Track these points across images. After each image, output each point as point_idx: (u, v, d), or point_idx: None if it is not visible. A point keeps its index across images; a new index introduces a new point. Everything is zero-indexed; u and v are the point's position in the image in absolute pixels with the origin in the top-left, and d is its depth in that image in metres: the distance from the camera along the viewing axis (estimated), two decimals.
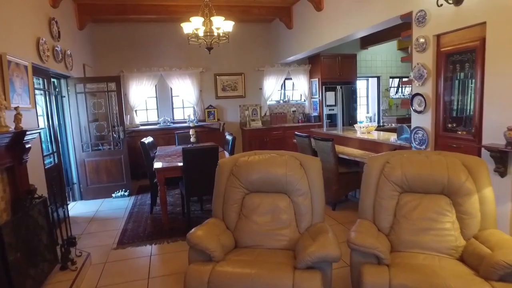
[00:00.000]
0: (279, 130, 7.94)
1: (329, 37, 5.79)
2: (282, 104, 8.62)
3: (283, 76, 8.32)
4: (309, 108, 8.61)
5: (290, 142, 7.99)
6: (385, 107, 9.56)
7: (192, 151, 3.96)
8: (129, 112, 7.23)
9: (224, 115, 8.11)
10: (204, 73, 7.79)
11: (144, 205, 5.20)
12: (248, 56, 8.12)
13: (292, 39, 7.23)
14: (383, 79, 9.55)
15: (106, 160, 5.55)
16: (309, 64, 8.49)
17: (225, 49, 7.87)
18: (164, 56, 7.48)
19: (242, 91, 8.17)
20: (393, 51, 9.62)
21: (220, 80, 7.98)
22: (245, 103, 8.24)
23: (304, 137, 5.12)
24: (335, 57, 8.18)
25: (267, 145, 7.86)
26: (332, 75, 8.17)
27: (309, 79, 8.55)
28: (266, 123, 8.33)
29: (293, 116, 8.62)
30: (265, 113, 8.31)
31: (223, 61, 7.94)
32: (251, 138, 7.72)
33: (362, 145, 4.88)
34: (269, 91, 8.26)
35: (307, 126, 8.10)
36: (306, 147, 5.15)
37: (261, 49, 8.22)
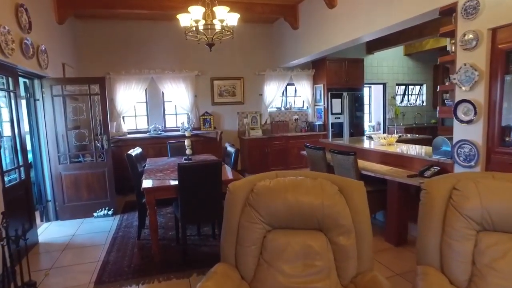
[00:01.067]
0: (281, 140, 7.27)
1: (343, 37, 5.17)
2: (284, 111, 7.96)
3: (285, 81, 7.68)
4: (312, 116, 7.98)
5: (294, 153, 7.33)
6: (391, 115, 8.99)
7: (190, 167, 3.24)
8: (116, 118, 6.48)
9: (221, 123, 7.41)
10: (199, 76, 7.10)
11: (131, 227, 4.44)
12: (248, 59, 7.47)
13: (297, 40, 6.61)
14: (389, 86, 8.99)
15: (87, 173, 4.78)
16: (313, 68, 7.88)
17: (223, 51, 7.23)
18: (156, 58, 6.78)
19: (240, 97, 7.50)
20: (399, 57, 9.10)
21: (217, 84, 7.30)
22: (244, 110, 7.56)
23: (317, 150, 4.45)
24: (342, 62, 7.59)
25: (268, 156, 7.18)
26: (338, 81, 7.57)
27: (313, 85, 7.93)
28: (267, 132, 7.66)
29: (296, 125, 7.97)
30: (265, 121, 7.65)
31: (221, 64, 7.27)
32: (250, 149, 7.03)
33: (385, 159, 4.23)
34: (270, 97, 7.60)
35: (311, 135, 7.46)
36: (319, 161, 4.48)
37: (262, 52, 7.58)
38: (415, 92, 9.68)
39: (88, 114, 4.73)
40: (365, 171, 3.87)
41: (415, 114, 9.37)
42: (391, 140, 4.68)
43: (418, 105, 9.57)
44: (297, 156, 7.39)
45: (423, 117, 9.44)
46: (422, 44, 8.56)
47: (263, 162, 7.14)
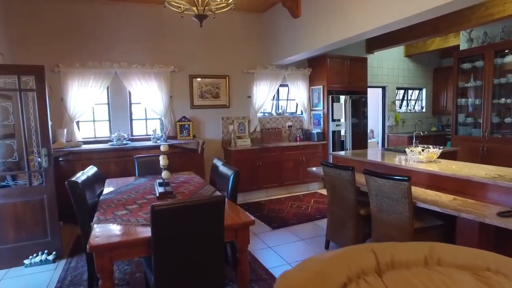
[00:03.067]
0: (275, 151, 6.08)
1: (363, 24, 4.07)
2: (276, 117, 6.78)
3: (278, 81, 6.51)
4: (308, 123, 6.85)
5: (289, 167, 6.16)
6: (391, 122, 8.05)
7: (172, 211, 1.95)
8: (67, 124, 5.04)
9: (202, 131, 6.11)
10: (176, 73, 5.79)
11: (81, 281, 3.07)
12: (235, 54, 6.25)
13: (296, 32, 5.46)
14: (390, 90, 8.06)
15: (15, 204, 3.35)
16: (309, 67, 6.77)
17: (205, 43, 5.97)
18: (121, 48, 5.40)
19: (225, 99, 6.24)
20: (400, 58, 8.22)
21: (198, 83, 6.02)
22: (230, 114, 6.31)
23: (342, 170, 3.29)
24: (343, 60, 6.54)
25: (259, 171, 5.95)
26: (339, 82, 6.50)
27: (309, 86, 6.82)
28: (256, 141, 6.45)
29: (289, 133, 6.82)
30: (254, 128, 6.43)
31: (202, 59, 6.00)
32: (238, 162, 5.78)
33: (436, 182, 3.14)
34: (260, 100, 6.40)
35: (308, 146, 6.33)
36: (345, 186, 3.32)
37: (252, 46, 6.38)
38: (414, 97, 8.83)
39: (18, 118, 3.29)
40: (420, 202, 2.74)
41: (415, 121, 8.48)
42: (431, 155, 3.60)
43: (418, 111, 8.72)
44: (293, 171, 6.22)
45: (423, 125, 8.59)
46: (426, 44, 7.71)
47: (253, 178, 5.91)
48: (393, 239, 2.86)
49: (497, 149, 5.90)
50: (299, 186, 6.36)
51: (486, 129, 6.04)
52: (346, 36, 4.48)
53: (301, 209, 5.31)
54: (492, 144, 5.99)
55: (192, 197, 2.87)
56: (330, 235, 3.70)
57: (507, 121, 5.91)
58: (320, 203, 5.57)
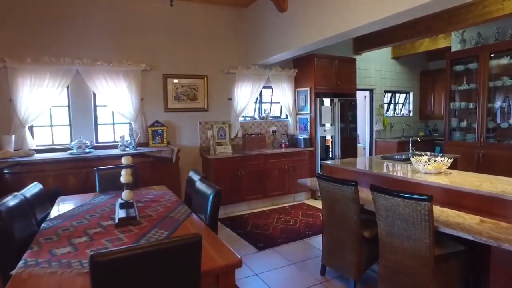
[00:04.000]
0: (258, 159, 5.52)
1: (367, 15, 3.59)
2: (259, 121, 6.24)
3: (261, 82, 5.98)
4: (294, 128, 6.35)
5: (274, 177, 5.62)
6: (379, 127, 7.67)
7: (121, 262, 1.34)
8: (17, 129, 4.31)
9: (177, 137, 5.48)
10: (147, 72, 5.15)
11: None
12: (215, 52, 5.67)
13: (283, 27, 4.94)
14: (377, 93, 7.69)
15: None
16: (295, 68, 6.28)
17: (181, 40, 5.37)
18: (83, 42, 4.72)
19: (204, 101, 5.65)
20: (387, 60, 7.87)
21: (173, 84, 5.39)
22: (209, 118, 5.72)
23: (344, 185, 2.77)
24: (332, 60, 6.08)
25: (242, 181, 5.37)
26: (327, 83, 6.04)
27: (295, 88, 6.32)
28: (238, 148, 5.88)
29: (273, 139, 6.29)
30: (236, 133, 5.86)
31: (178, 57, 5.39)
32: (218, 172, 5.19)
33: (452, 198, 2.67)
34: (242, 103, 5.84)
35: (295, 153, 5.82)
36: (346, 203, 2.80)
37: (234, 43, 5.82)
38: (401, 101, 8.50)
39: None
40: (443, 226, 2.24)
41: (403, 125, 8.16)
42: (440, 166, 3.14)
43: (405, 116, 8.39)
44: (278, 180, 5.69)
45: (411, 129, 8.27)
46: (414, 45, 7.39)
47: (235, 189, 5.33)
48: (408, 269, 2.36)
49: (494, 156, 5.58)
50: (285, 197, 5.83)
51: (481, 135, 5.72)
52: (339, 32, 3.99)
53: (288, 224, 4.77)
54: (488, 150, 5.66)
55: (159, 225, 2.27)
56: (327, 260, 3.17)
57: (503, 126, 5.60)
58: (309, 216, 5.05)
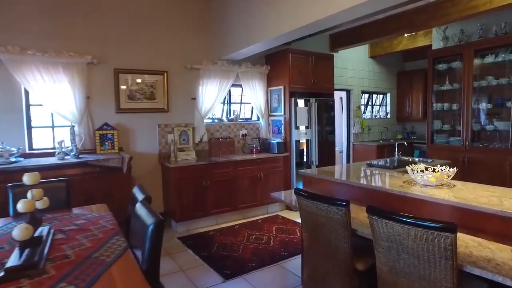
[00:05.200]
0: (226, 167, 4.84)
1: (342, 2, 3.03)
2: (227, 124, 5.57)
3: (230, 80, 5.32)
4: (266, 131, 5.73)
5: (244, 186, 4.97)
6: (357, 129, 7.21)
7: None
8: None
9: (131, 142, 4.71)
10: (95, 66, 4.36)
11: None
12: (176, 44, 4.96)
13: (255, 14, 4.32)
14: (355, 94, 7.23)
15: None
16: (267, 65, 5.68)
17: (136, 29, 4.62)
18: (10, 26, 3.88)
19: (163, 101, 4.91)
20: (364, 60, 7.44)
21: (126, 80, 4.63)
22: (169, 121, 4.98)
23: (331, 205, 2.15)
24: (308, 57, 5.53)
25: (207, 193, 4.68)
26: (303, 82, 5.48)
27: (267, 87, 5.71)
28: (203, 154, 5.19)
29: (244, 143, 5.64)
30: (201, 137, 5.16)
31: (132, 49, 4.63)
32: (179, 183, 4.47)
33: (464, 220, 2.11)
34: (207, 103, 5.15)
35: (268, 159, 5.19)
36: (335, 228, 2.19)
37: (199, 34, 5.14)
38: (378, 102, 8.11)
39: None
40: (469, 265, 1.66)
41: (381, 128, 7.76)
42: (443, 177, 2.60)
43: (383, 118, 8.00)
44: (248, 191, 5.04)
45: (389, 132, 7.88)
46: (392, 44, 7.00)
47: (199, 202, 4.63)
48: None
49: (480, 160, 5.21)
50: (256, 209, 5.18)
51: (466, 138, 5.34)
52: (315, 19, 3.42)
53: (261, 242, 4.12)
54: (473, 154, 5.29)
55: (73, 273, 1.55)
56: None
57: (489, 128, 5.24)
58: (285, 232, 4.43)
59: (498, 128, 5.15)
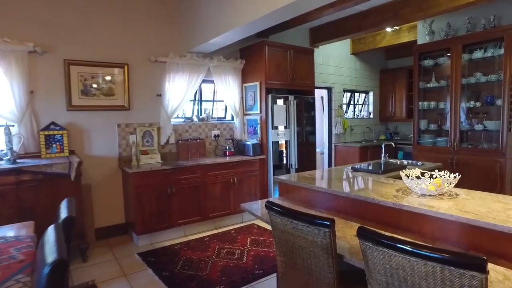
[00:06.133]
0: (195, 172, 4.31)
1: None
2: (198, 123, 5.03)
3: (200, 75, 4.80)
4: (241, 131, 5.23)
5: (216, 193, 4.46)
6: (339, 130, 6.81)
7: None
8: None
9: (86, 144, 4.12)
10: (40, 56, 3.76)
11: None
12: (138, 34, 4.39)
13: None
14: (336, 92, 6.83)
15: None
16: (242, 59, 5.18)
17: (91, 15, 4.05)
18: None
19: (123, 97, 4.34)
20: (346, 56, 7.06)
21: (79, 73, 4.03)
22: (131, 120, 4.41)
23: (312, 225, 1.67)
24: (286, 50, 5.07)
25: (173, 201, 4.13)
26: (281, 78, 5.01)
27: (242, 83, 5.22)
28: (171, 157, 4.64)
29: (216, 145, 5.12)
30: (167, 139, 4.61)
31: (86, 37, 4.04)
32: (140, 190, 3.91)
33: (476, 241, 1.68)
34: (175, 101, 4.61)
35: (242, 162, 4.69)
36: (316, 254, 1.71)
37: (164, 22, 4.59)
38: (360, 101, 7.75)
39: None
40: None
41: (363, 128, 7.40)
42: (438, 181, 2.17)
43: (365, 117, 7.64)
44: (221, 198, 4.53)
45: (372, 132, 7.53)
46: (376, 40, 6.64)
47: (164, 211, 4.08)
48: None
49: (468, 162, 4.88)
50: (230, 217, 4.67)
51: (454, 138, 5.00)
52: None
53: (233, 257, 3.61)
54: (461, 155, 4.96)
55: None
56: None
57: (477, 128, 4.92)
58: (260, 244, 3.94)
59: (488, 128, 4.83)
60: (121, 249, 3.89)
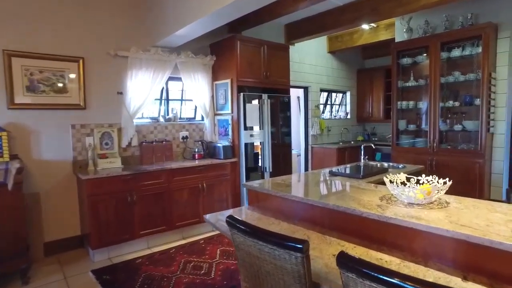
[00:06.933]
0: (159, 177, 3.91)
1: None
2: (164, 124, 4.63)
3: (166, 71, 4.41)
4: (211, 133, 4.87)
5: (182, 199, 4.08)
6: (316, 131, 6.57)
7: None
8: None
9: (33, 147, 3.64)
10: None
11: None
12: (96, 24, 3.96)
13: None
14: (313, 92, 6.59)
15: None
16: (212, 55, 4.83)
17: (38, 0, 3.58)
18: None
19: (78, 95, 3.89)
20: (323, 55, 6.83)
21: (23, 67, 3.55)
22: (87, 120, 3.96)
23: (285, 250, 1.34)
24: (259, 46, 4.75)
25: (135, 209, 3.72)
26: (254, 75, 4.69)
27: (212, 81, 4.87)
28: (133, 161, 4.23)
29: (184, 147, 4.73)
30: (129, 141, 4.19)
31: (33, 26, 3.57)
32: (96, 198, 3.48)
33: (472, 260, 1.40)
34: (138, 99, 4.20)
35: (212, 166, 4.33)
36: (287, 282, 1.37)
37: (125, 12, 4.16)
38: (337, 101, 7.55)
39: None
40: None
41: (341, 129, 7.19)
42: (427, 187, 1.90)
43: (342, 118, 7.44)
44: (189, 205, 4.15)
45: (349, 133, 7.34)
46: (353, 38, 6.44)
47: (124, 221, 3.66)
48: None
49: (448, 163, 4.73)
50: (199, 226, 4.29)
51: (434, 139, 4.83)
52: None
53: (200, 272, 3.25)
54: (441, 157, 4.80)
55: None
56: None
57: (457, 128, 4.78)
58: (231, 256, 3.59)
59: (467, 128, 4.70)
60: (73, 266, 3.45)
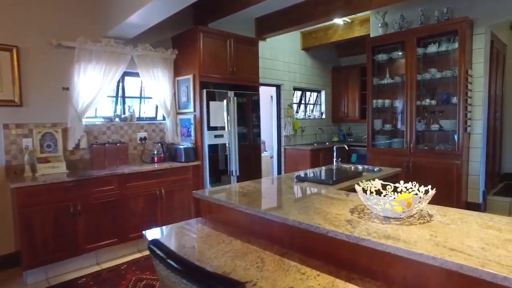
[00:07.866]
0: (109, 183, 3.45)
1: None
2: (119, 124, 4.16)
3: (121, 65, 3.95)
4: (173, 133, 4.44)
5: (137, 208, 3.64)
6: (289, 131, 6.24)
7: None
8: None
9: None
10: None
11: None
12: (33, 8, 3.46)
13: None
14: (285, 90, 6.27)
15: None
16: (174, 48, 4.41)
17: None
18: None
19: (12, 90, 3.38)
20: (296, 52, 6.53)
21: None
22: (24, 119, 3.46)
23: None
24: (225, 39, 4.37)
25: (79, 221, 3.24)
26: (219, 70, 4.30)
27: (174, 77, 4.44)
28: (82, 165, 3.74)
29: (142, 150, 4.28)
30: (76, 143, 3.70)
31: None
32: (29, 210, 2.99)
33: None
34: (88, 95, 3.72)
35: (171, 170, 3.92)
36: None
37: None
38: (312, 101, 7.27)
39: None
40: None
41: (315, 130, 6.90)
42: (407, 196, 1.57)
43: (317, 118, 7.16)
44: (145, 214, 3.71)
45: (324, 134, 7.06)
46: (327, 34, 6.17)
47: (66, 235, 3.18)
48: None
49: (425, 165, 4.49)
50: None
51: (410, 139, 4.59)
52: None
53: None
54: (418, 158, 4.56)
55: None
56: None
57: (434, 128, 4.56)
58: None
59: (444, 128, 4.48)
60: None
